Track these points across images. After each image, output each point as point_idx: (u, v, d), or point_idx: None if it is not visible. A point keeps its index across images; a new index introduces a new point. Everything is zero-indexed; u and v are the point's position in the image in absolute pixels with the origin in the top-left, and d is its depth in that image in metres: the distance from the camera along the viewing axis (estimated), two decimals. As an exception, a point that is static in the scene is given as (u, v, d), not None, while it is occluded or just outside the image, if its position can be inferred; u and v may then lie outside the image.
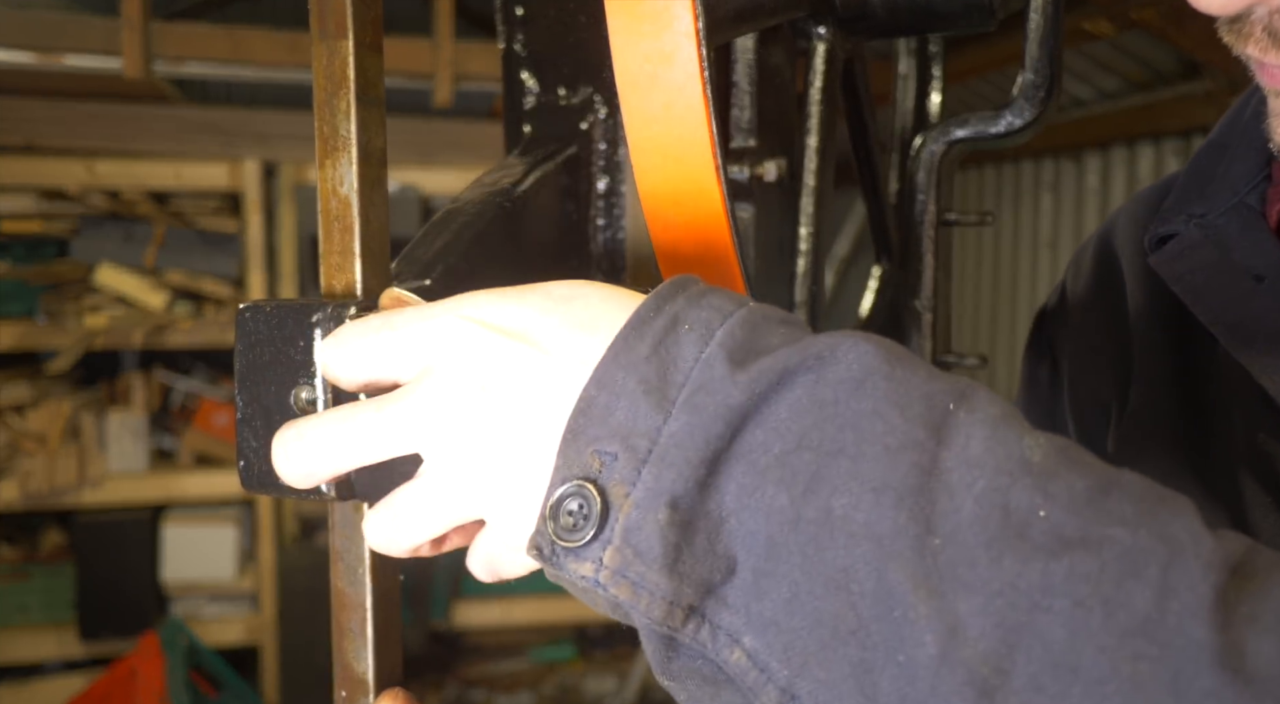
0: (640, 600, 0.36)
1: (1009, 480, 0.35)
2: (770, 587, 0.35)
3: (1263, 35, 0.50)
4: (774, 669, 0.35)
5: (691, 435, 0.36)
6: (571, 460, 0.37)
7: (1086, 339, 0.82)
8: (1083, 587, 0.33)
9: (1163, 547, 0.33)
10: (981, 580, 0.33)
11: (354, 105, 0.49)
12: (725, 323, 0.38)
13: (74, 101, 3.08)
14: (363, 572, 0.51)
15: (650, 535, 0.35)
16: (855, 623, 0.34)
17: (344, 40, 0.49)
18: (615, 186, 0.61)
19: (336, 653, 0.53)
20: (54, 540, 3.34)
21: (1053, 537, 0.34)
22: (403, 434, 0.42)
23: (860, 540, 0.34)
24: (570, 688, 3.70)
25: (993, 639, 0.32)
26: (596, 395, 0.37)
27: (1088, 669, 0.32)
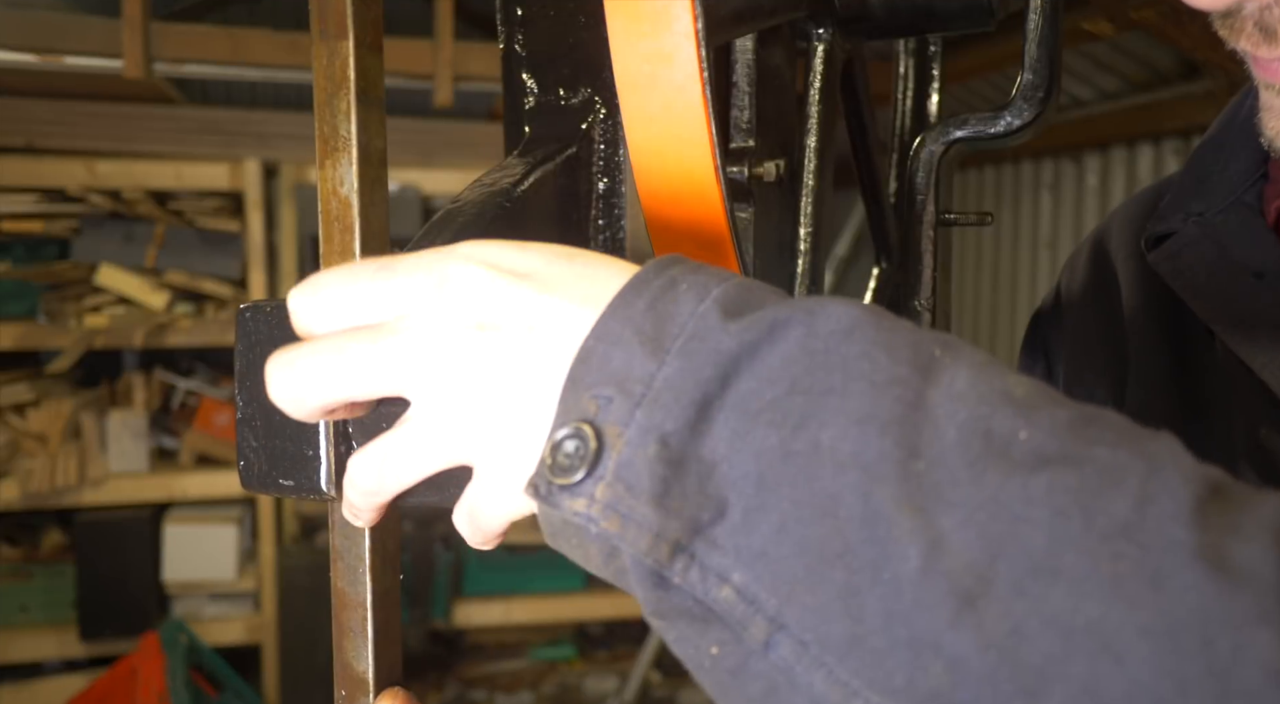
0: (628, 532, 0.37)
1: (991, 410, 0.36)
2: (759, 520, 0.36)
3: (1254, 30, 0.50)
4: (762, 600, 0.36)
5: (683, 378, 0.37)
6: (570, 406, 0.39)
7: (1082, 341, 0.82)
8: (1062, 497, 0.33)
9: (1142, 462, 0.34)
10: (964, 497, 0.34)
11: (354, 106, 0.50)
12: (721, 284, 0.39)
13: (74, 102, 3.08)
14: (363, 571, 0.52)
15: (640, 470, 0.37)
16: (841, 546, 0.35)
17: (344, 41, 0.49)
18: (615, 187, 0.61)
19: (337, 652, 0.53)
20: (54, 540, 3.34)
21: (1034, 455, 0.34)
22: (398, 368, 0.42)
23: (847, 468, 0.35)
24: (570, 688, 3.70)
25: (975, 549, 0.33)
26: (595, 345, 0.39)
27: (1068, 571, 0.33)
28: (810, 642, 0.35)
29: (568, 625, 3.87)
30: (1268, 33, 0.50)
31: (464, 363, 0.41)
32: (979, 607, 0.33)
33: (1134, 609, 0.32)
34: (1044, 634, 0.32)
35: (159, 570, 3.30)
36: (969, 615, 0.33)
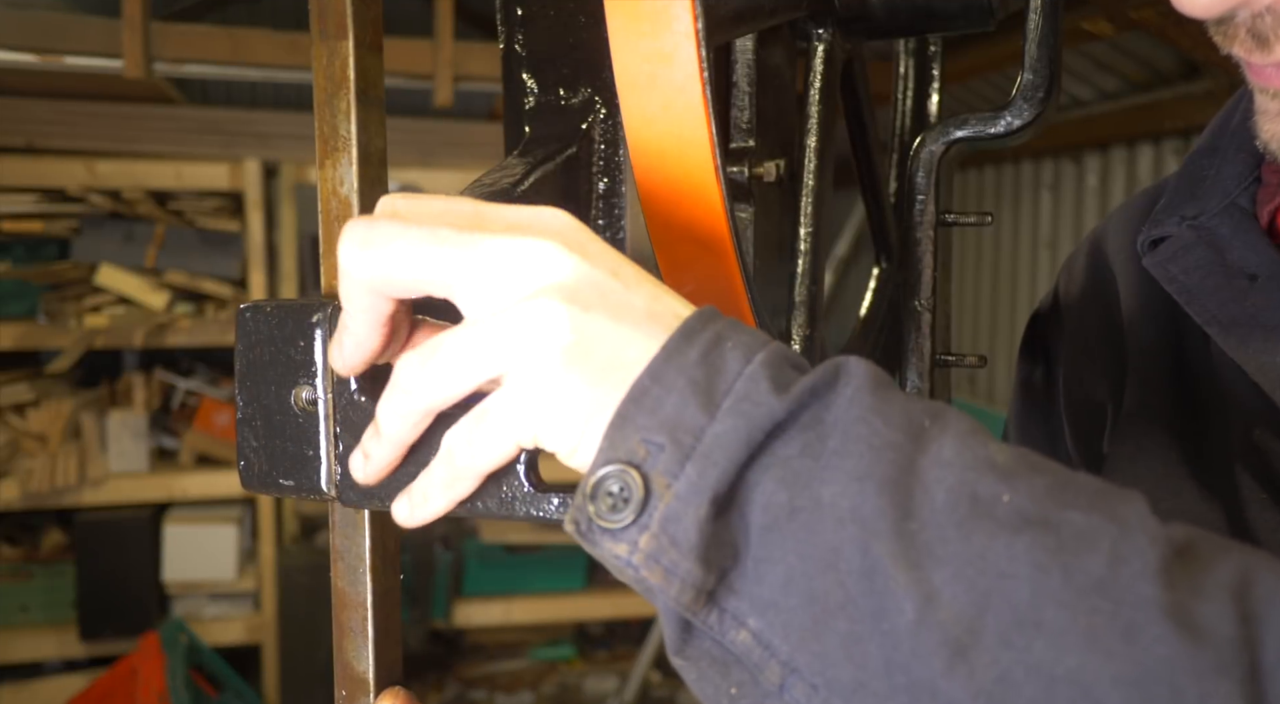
0: (671, 586, 0.38)
1: (976, 476, 0.38)
2: (768, 571, 0.38)
3: (1247, 37, 0.51)
4: (776, 646, 0.38)
5: (735, 438, 0.39)
6: (617, 444, 0.40)
7: (1081, 343, 0.82)
8: (1043, 555, 0.36)
9: (1114, 525, 0.37)
10: (953, 554, 0.37)
11: (354, 106, 0.50)
12: (763, 349, 0.41)
13: (74, 102, 3.08)
14: (363, 571, 0.52)
15: (689, 527, 0.38)
16: (844, 598, 0.37)
17: (344, 41, 0.49)
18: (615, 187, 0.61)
19: (337, 652, 0.53)
20: (55, 540, 3.34)
21: (1016, 517, 0.37)
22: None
23: (846, 523, 0.38)
24: (570, 688, 3.70)
25: (964, 603, 0.36)
26: (650, 387, 0.40)
27: (1049, 624, 0.35)
28: (820, 685, 0.37)
29: (568, 625, 3.87)
30: (1260, 39, 0.51)
31: (544, 380, 0.42)
32: (969, 656, 0.36)
33: (1109, 660, 0.35)
34: (1028, 682, 0.35)
35: (159, 570, 3.29)
36: (960, 664, 0.36)
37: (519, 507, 0.46)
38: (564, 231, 0.43)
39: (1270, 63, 0.51)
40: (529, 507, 0.46)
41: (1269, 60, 0.51)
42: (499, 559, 3.58)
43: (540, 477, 0.46)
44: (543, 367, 0.41)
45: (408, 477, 0.47)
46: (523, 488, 0.46)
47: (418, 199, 0.45)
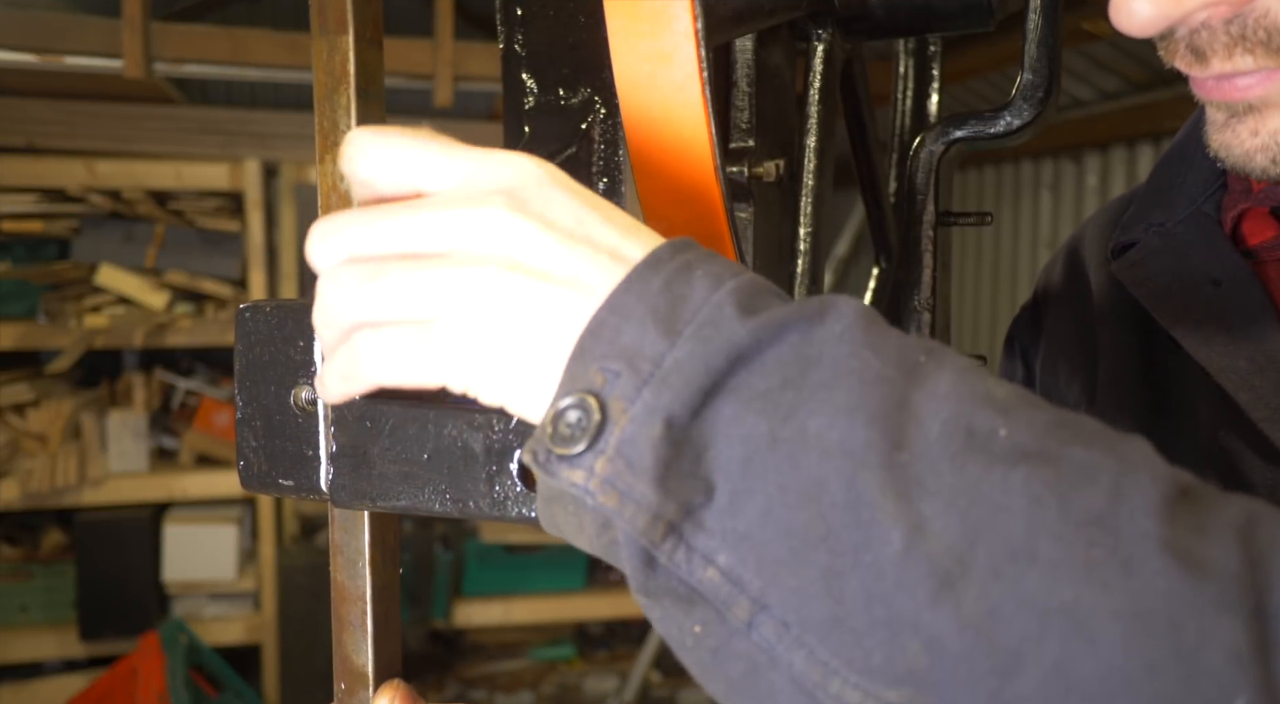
0: (626, 509, 0.37)
1: (972, 409, 0.37)
2: (745, 503, 0.37)
3: (1186, 52, 0.53)
4: (746, 581, 0.37)
5: (693, 362, 0.38)
6: (577, 375, 0.39)
7: (1056, 342, 0.84)
8: (1040, 488, 0.35)
9: (1115, 461, 0.36)
10: (945, 485, 0.35)
11: (354, 100, 0.49)
12: (735, 278, 0.40)
13: (74, 102, 3.08)
14: (362, 565, 0.51)
15: (643, 448, 0.37)
16: (824, 530, 0.36)
17: (344, 35, 0.49)
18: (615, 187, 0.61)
19: (336, 646, 0.53)
20: (54, 540, 3.34)
21: (1013, 450, 0.36)
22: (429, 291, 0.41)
23: (833, 455, 0.36)
24: (570, 688, 3.70)
25: (955, 534, 0.35)
26: (607, 317, 0.39)
27: (1044, 556, 0.34)
28: (792, 622, 0.36)
29: (568, 625, 3.87)
30: (1198, 53, 0.52)
31: (486, 296, 0.41)
32: (958, 588, 0.34)
33: (1106, 593, 0.33)
34: (1019, 615, 0.34)
35: (159, 570, 3.29)
36: (947, 596, 0.34)
37: (511, 507, 0.46)
38: (523, 186, 0.42)
39: (1209, 76, 0.53)
40: (521, 507, 0.46)
41: (1208, 73, 0.52)
42: (499, 559, 3.59)
43: (533, 477, 0.46)
44: (479, 319, 0.40)
45: (400, 476, 0.47)
46: (515, 488, 0.46)
47: (384, 142, 0.44)
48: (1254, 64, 0.51)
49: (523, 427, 0.46)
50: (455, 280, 0.41)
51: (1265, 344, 0.63)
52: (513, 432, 0.46)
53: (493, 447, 0.46)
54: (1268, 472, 0.62)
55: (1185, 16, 0.50)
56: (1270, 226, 0.67)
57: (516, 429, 0.46)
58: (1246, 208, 0.68)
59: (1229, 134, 0.55)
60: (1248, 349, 0.63)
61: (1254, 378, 0.62)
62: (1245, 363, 0.63)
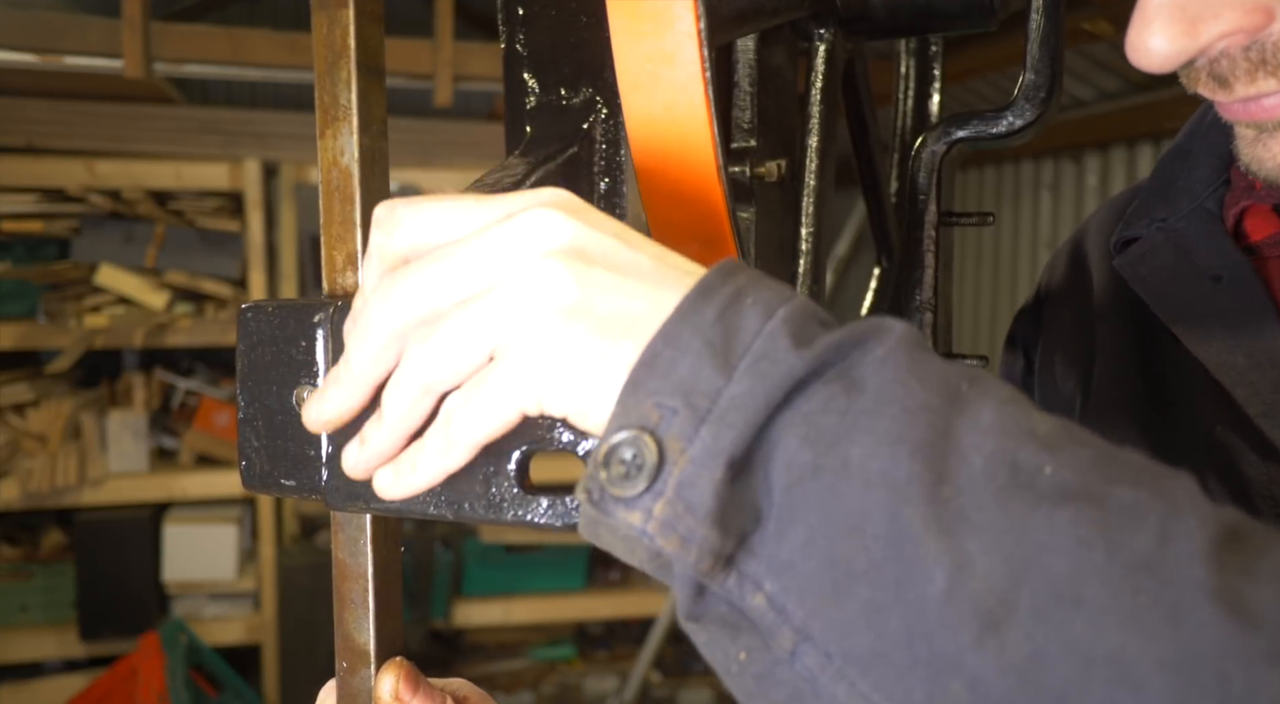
0: (689, 554, 0.37)
1: (1017, 444, 0.36)
2: (790, 532, 0.37)
3: (1209, 80, 0.53)
4: (790, 610, 0.36)
5: (753, 399, 0.37)
6: (630, 410, 0.38)
7: (1056, 335, 0.84)
8: (1086, 529, 0.34)
9: (1163, 502, 0.35)
10: (989, 522, 0.35)
11: (354, 74, 0.49)
12: (786, 304, 0.39)
13: (74, 102, 3.08)
14: (364, 542, 0.51)
15: (704, 491, 0.37)
16: (867, 563, 0.35)
17: (344, 9, 0.49)
18: (617, 187, 0.61)
19: (338, 625, 0.52)
20: (54, 540, 3.34)
21: (1058, 489, 0.35)
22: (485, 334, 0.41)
23: (876, 487, 0.36)
24: (570, 688, 3.70)
25: (999, 574, 0.34)
26: (663, 350, 0.38)
27: (1090, 600, 0.33)
28: (834, 654, 0.36)
29: (568, 625, 3.87)
30: (1221, 81, 0.52)
31: (544, 313, 0.41)
32: (1001, 630, 0.34)
33: (1153, 641, 0.33)
34: (1064, 660, 0.33)
35: (159, 570, 3.29)
36: (991, 638, 0.34)
37: (507, 509, 0.45)
38: (562, 201, 0.43)
39: (1235, 101, 0.53)
40: (517, 509, 0.45)
41: (1233, 98, 0.52)
42: (499, 559, 3.58)
43: (530, 480, 0.46)
44: (544, 325, 0.40)
45: None
46: (512, 490, 0.45)
47: (416, 207, 0.44)
48: (1278, 85, 0.51)
49: (520, 428, 0.45)
50: (509, 309, 0.41)
51: (1264, 341, 0.63)
52: (510, 433, 0.45)
53: (489, 448, 0.45)
54: (1264, 467, 0.63)
55: (1203, 49, 0.51)
56: (1272, 223, 0.67)
57: (514, 430, 0.45)
58: (1249, 204, 0.68)
59: (1260, 149, 0.55)
60: (1246, 345, 0.63)
61: (1252, 374, 0.63)
62: (1243, 359, 0.63)
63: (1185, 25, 0.50)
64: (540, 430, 0.45)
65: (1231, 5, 0.49)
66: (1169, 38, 0.50)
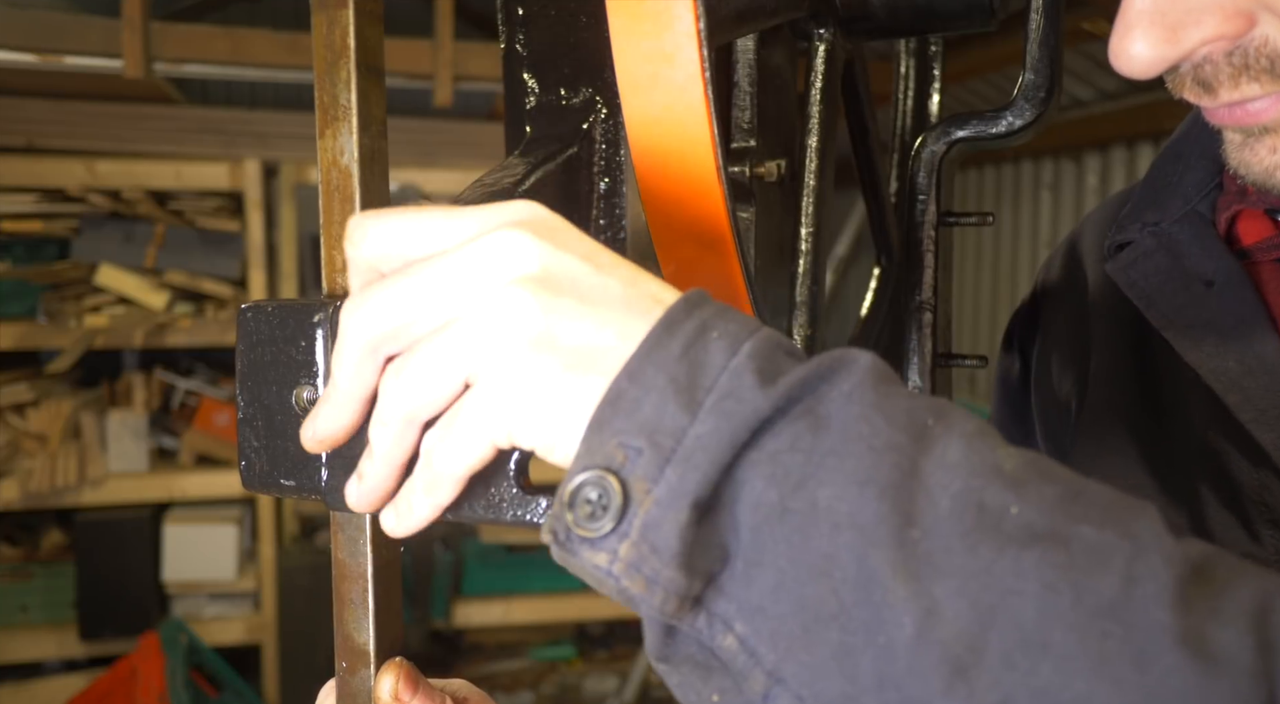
0: (654, 596, 0.37)
1: (983, 483, 0.36)
2: (758, 575, 0.37)
3: (1193, 85, 0.52)
4: (761, 654, 0.36)
5: (718, 439, 0.37)
6: (595, 449, 0.38)
7: (1051, 338, 0.84)
8: (1052, 573, 0.35)
9: (1127, 542, 0.36)
10: (957, 567, 0.35)
11: (354, 74, 0.49)
12: (751, 339, 0.39)
13: (74, 101, 3.08)
14: (363, 542, 0.51)
15: (669, 533, 0.36)
16: (837, 607, 0.36)
17: (344, 9, 0.49)
18: (616, 187, 0.61)
19: (337, 625, 0.52)
20: (54, 540, 3.34)
21: (1024, 531, 0.36)
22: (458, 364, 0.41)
23: (843, 529, 0.36)
24: (570, 688, 3.70)
25: (967, 620, 0.34)
26: (627, 387, 0.38)
27: (1057, 646, 0.34)
28: (806, 698, 0.36)
29: (568, 625, 3.87)
30: (1206, 86, 0.52)
31: (512, 374, 0.40)
32: (970, 677, 0.34)
33: (1119, 689, 0.33)
34: None
35: (159, 570, 3.30)
36: (960, 685, 0.34)
37: (506, 509, 0.45)
38: (531, 221, 0.42)
39: (1219, 105, 0.53)
40: (516, 509, 0.45)
41: (1218, 103, 0.52)
42: (499, 559, 3.58)
43: (529, 480, 0.46)
44: (510, 357, 0.40)
45: None
46: (511, 490, 0.45)
47: (384, 219, 0.44)
48: (1261, 90, 0.51)
49: None
50: (477, 339, 0.40)
51: (1255, 346, 0.63)
52: None
53: None
54: (1255, 474, 0.63)
55: (1185, 56, 0.51)
56: (1265, 227, 0.67)
57: None
58: (1240, 209, 0.68)
59: (1248, 152, 0.55)
60: (1238, 351, 0.63)
61: (1244, 380, 0.63)
62: (1235, 364, 0.63)
63: (1166, 32, 0.50)
64: None
65: (1212, 11, 0.49)
66: (1150, 44, 0.50)
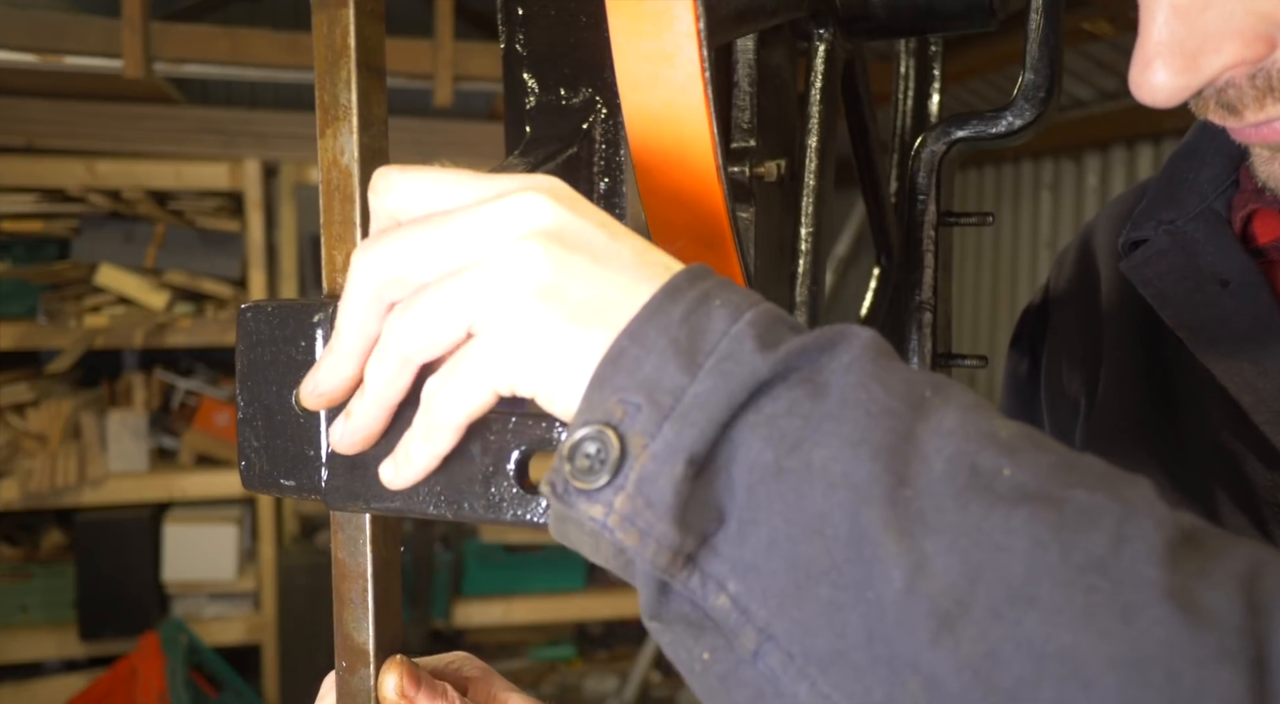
0: (647, 548, 0.37)
1: (977, 447, 0.37)
2: (751, 533, 0.37)
3: (1218, 108, 0.53)
4: (753, 611, 0.37)
5: (715, 397, 0.37)
6: (595, 405, 0.39)
7: (1062, 334, 0.84)
8: (1042, 530, 0.35)
9: (1119, 505, 0.36)
10: (948, 524, 0.36)
11: (354, 73, 0.49)
12: (753, 308, 0.40)
13: (74, 101, 3.08)
14: (363, 542, 0.51)
15: (664, 487, 0.37)
16: (828, 564, 0.36)
17: (344, 8, 0.49)
18: (616, 187, 0.61)
19: (337, 624, 0.53)
20: (54, 540, 3.34)
21: (1016, 491, 0.36)
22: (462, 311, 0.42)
23: (837, 488, 0.36)
24: (570, 688, 3.70)
25: (955, 574, 0.35)
26: (628, 347, 0.39)
27: (1044, 599, 0.34)
28: (796, 654, 0.36)
29: (568, 625, 3.87)
30: (1230, 108, 0.52)
31: (524, 296, 0.41)
32: (957, 629, 0.34)
33: (1104, 640, 0.34)
34: (1017, 658, 0.34)
35: (159, 570, 3.29)
36: (947, 637, 0.34)
37: (506, 509, 0.45)
38: (551, 188, 0.43)
39: (1246, 126, 0.53)
40: (516, 509, 0.45)
41: (1244, 124, 0.52)
42: (499, 559, 3.58)
43: (529, 479, 0.46)
44: (518, 305, 0.40)
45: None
46: (511, 489, 0.45)
47: (412, 173, 0.45)
48: None
49: (520, 427, 0.45)
50: (485, 287, 0.41)
51: (1271, 347, 0.63)
52: (510, 432, 0.46)
53: (489, 447, 0.45)
54: (1269, 474, 0.62)
55: (1207, 82, 0.50)
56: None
57: (514, 430, 0.46)
58: (1257, 207, 0.67)
59: (1277, 166, 0.55)
60: (1253, 352, 0.63)
61: (1258, 381, 0.62)
62: (1250, 365, 0.63)
63: (1186, 61, 0.50)
64: (540, 431, 0.45)
65: (1231, 38, 0.49)
66: (1171, 73, 0.50)
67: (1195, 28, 0.49)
